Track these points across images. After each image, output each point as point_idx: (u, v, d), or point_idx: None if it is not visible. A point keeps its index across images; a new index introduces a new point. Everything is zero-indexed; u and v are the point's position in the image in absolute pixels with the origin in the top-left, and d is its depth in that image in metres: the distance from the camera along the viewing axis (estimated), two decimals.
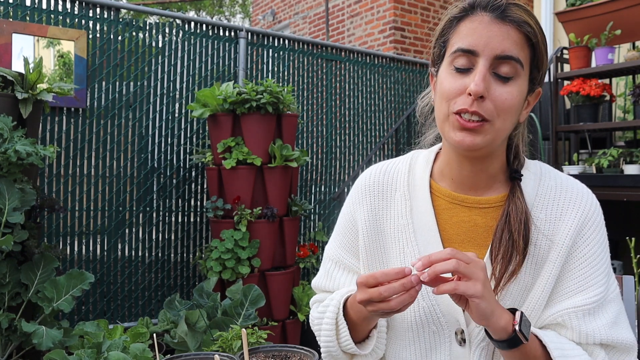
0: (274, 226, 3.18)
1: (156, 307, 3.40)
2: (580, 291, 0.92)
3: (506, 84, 0.88)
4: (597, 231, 0.96)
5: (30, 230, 2.39)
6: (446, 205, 1.00)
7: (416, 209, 1.01)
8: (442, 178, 1.02)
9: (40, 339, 2.19)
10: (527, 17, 0.88)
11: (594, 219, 0.96)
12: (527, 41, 0.88)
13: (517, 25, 0.87)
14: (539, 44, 0.89)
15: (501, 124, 0.89)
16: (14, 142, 2.26)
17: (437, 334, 0.97)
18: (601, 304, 0.92)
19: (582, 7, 3.53)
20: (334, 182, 4.31)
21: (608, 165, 3.25)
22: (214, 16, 16.25)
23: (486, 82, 0.86)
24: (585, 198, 0.97)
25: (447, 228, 0.99)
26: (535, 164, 1.02)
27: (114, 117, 3.30)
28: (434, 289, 0.81)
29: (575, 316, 0.91)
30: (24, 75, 2.44)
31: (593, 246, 0.94)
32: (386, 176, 1.06)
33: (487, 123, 0.88)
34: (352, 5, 7.29)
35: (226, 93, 3.10)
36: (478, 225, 0.98)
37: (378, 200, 1.05)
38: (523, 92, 0.90)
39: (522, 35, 0.87)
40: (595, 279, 0.93)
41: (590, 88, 3.40)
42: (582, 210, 0.96)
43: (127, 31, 3.36)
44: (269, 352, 0.93)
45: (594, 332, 0.90)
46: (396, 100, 4.75)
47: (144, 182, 3.42)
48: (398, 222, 1.01)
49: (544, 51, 0.90)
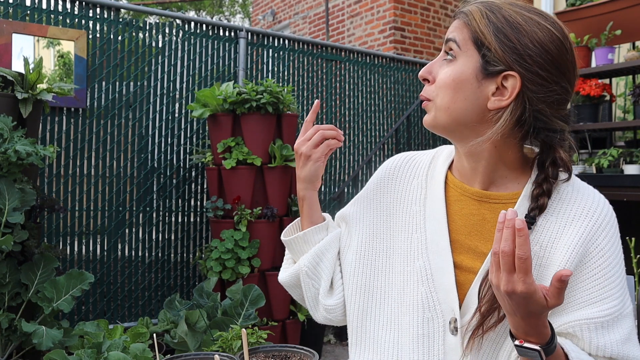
0: (274, 226, 3.18)
1: (156, 307, 3.40)
2: (593, 302, 0.90)
3: (447, 64, 0.95)
4: (612, 242, 0.94)
5: (30, 230, 2.39)
6: (458, 197, 1.01)
7: (430, 197, 1.04)
8: (457, 171, 1.04)
9: (40, 339, 2.19)
10: (472, 6, 0.95)
11: (608, 228, 0.94)
12: (466, 26, 0.94)
13: (459, 14, 0.96)
14: (473, 23, 0.93)
15: (441, 101, 0.95)
16: (14, 142, 2.26)
17: (432, 321, 0.97)
18: (616, 317, 0.90)
19: (582, 7, 3.53)
20: (334, 182, 4.31)
21: (608, 165, 3.25)
22: (213, 16, 16.25)
23: (432, 67, 0.98)
24: (601, 207, 0.96)
25: (455, 219, 1.00)
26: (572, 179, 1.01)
27: (114, 117, 3.30)
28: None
29: (587, 328, 0.89)
30: (24, 75, 2.44)
31: (608, 257, 0.92)
32: (409, 164, 1.11)
33: (430, 102, 0.97)
34: (352, 5, 7.29)
35: (226, 93, 3.10)
36: (486, 219, 0.98)
37: (397, 184, 1.10)
38: (465, 71, 0.93)
39: (461, 21, 0.95)
40: (610, 291, 0.91)
41: (590, 88, 3.40)
42: (595, 217, 0.94)
43: (127, 31, 3.36)
44: (269, 352, 0.93)
45: (606, 346, 0.89)
46: (396, 100, 4.75)
47: (144, 182, 3.42)
48: (411, 209, 1.05)
49: (488, 30, 0.91)
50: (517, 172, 0.99)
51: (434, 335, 0.97)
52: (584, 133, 3.74)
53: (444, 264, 0.98)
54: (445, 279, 0.97)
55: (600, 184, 3.15)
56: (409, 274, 1.01)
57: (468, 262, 0.97)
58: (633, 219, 3.24)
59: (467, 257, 0.98)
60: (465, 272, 0.97)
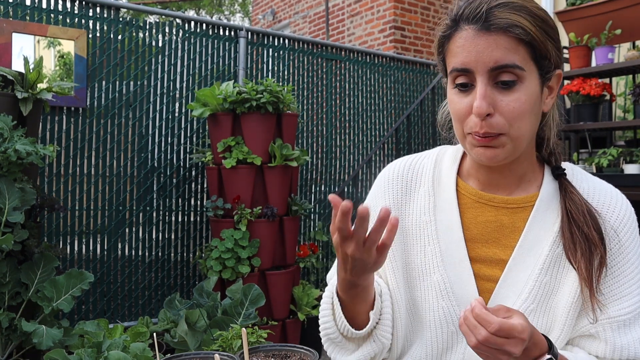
0: (274, 226, 3.18)
1: (156, 306, 3.40)
2: (614, 300, 0.89)
3: (511, 90, 0.84)
4: (633, 238, 0.92)
5: (30, 230, 2.39)
6: (472, 204, 0.97)
7: (440, 206, 0.98)
8: (469, 177, 1.00)
9: (40, 339, 2.19)
10: (513, 15, 0.82)
11: (629, 225, 0.93)
12: (520, 42, 0.83)
13: (503, 31, 0.82)
14: (535, 37, 0.83)
15: (517, 131, 0.85)
16: (14, 142, 2.26)
17: (455, 334, 0.94)
18: (638, 315, 0.89)
19: (582, 6, 3.52)
20: (334, 182, 4.30)
21: (608, 165, 3.25)
22: (213, 15, 16.24)
23: (488, 98, 0.83)
24: (620, 203, 0.95)
25: (471, 227, 0.96)
26: (566, 165, 0.99)
27: (114, 117, 3.30)
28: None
29: (610, 327, 0.88)
30: (24, 75, 2.44)
31: (628, 253, 0.91)
32: (411, 171, 1.03)
33: (503, 135, 0.85)
34: (352, 5, 7.29)
35: (226, 92, 3.10)
36: (504, 225, 0.95)
37: (401, 195, 1.02)
38: (534, 90, 0.86)
39: (512, 39, 0.82)
40: (630, 287, 0.89)
41: (590, 87, 3.40)
42: (617, 214, 0.93)
43: (127, 30, 3.36)
44: (269, 351, 0.93)
45: (629, 346, 0.87)
46: (396, 99, 4.75)
47: (144, 181, 3.42)
48: (420, 219, 0.99)
49: (545, 39, 0.85)
50: (536, 171, 0.97)
51: (455, 347, 0.95)
52: (584, 132, 3.74)
53: (463, 276, 0.94)
54: (465, 291, 0.94)
55: None
56: (427, 288, 0.96)
57: (487, 271, 0.95)
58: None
59: (485, 265, 0.95)
60: (484, 281, 0.95)
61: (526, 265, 0.92)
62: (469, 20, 0.85)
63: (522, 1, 0.84)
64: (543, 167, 0.99)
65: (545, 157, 0.98)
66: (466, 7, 0.86)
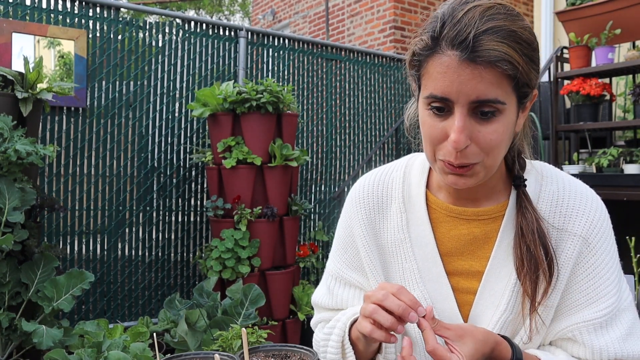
0: (274, 225, 3.18)
1: (156, 306, 3.40)
2: (589, 304, 0.89)
3: (489, 122, 0.80)
4: (605, 239, 0.92)
5: (30, 230, 2.39)
6: (443, 219, 0.96)
7: (413, 222, 0.98)
8: (439, 190, 0.98)
9: (41, 338, 2.19)
10: (501, 46, 0.77)
11: (600, 225, 0.92)
12: (506, 76, 0.78)
13: (490, 64, 0.76)
14: (521, 71, 0.79)
15: (492, 161, 0.84)
16: (14, 142, 2.26)
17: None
18: (614, 315, 0.89)
19: (582, 6, 3.53)
20: (334, 182, 4.31)
21: (608, 165, 3.25)
22: (213, 15, 16.24)
23: (467, 130, 0.80)
24: (590, 203, 0.93)
25: (445, 241, 0.96)
26: (536, 165, 0.97)
27: (114, 117, 3.30)
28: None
29: (586, 331, 0.88)
30: (24, 75, 2.44)
31: (600, 255, 0.90)
32: (380, 186, 1.02)
33: (477, 165, 0.83)
34: (352, 5, 7.29)
35: (226, 92, 3.10)
36: (477, 237, 0.94)
37: (374, 212, 1.01)
38: (511, 119, 0.83)
39: (497, 73, 0.77)
40: (605, 289, 0.89)
41: (591, 87, 3.40)
42: (587, 217, 0.91)
43: (127, 30, 3.36)
44: (269, 351, 0.93)
45: (608, 347, 0.87)
46: (396, 99, 4.75)
47: (144, 181, 3.42)
48: (395, 237, 0.98)
49: (529, 69, 0.81)
50: (505, 181, 0.96)
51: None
52: (584, 132, 3.74)
53: (442, 291, 0.95)
54: (446, 304, 0.95)
55: (600, 184, 3.16)
56: None
57: (465, 284, 0.95)
58: (633, 219, 3.24)
59: (462, 278, 0.95)
60: (463, 294, 0.95)
61: (502, 276, 0.92)
62: (453, 45, 0.78)
63: (509, 23, 0.78)
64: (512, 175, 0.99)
65: (510, 165, 0.96)
66: (450, 28, 0.78)
